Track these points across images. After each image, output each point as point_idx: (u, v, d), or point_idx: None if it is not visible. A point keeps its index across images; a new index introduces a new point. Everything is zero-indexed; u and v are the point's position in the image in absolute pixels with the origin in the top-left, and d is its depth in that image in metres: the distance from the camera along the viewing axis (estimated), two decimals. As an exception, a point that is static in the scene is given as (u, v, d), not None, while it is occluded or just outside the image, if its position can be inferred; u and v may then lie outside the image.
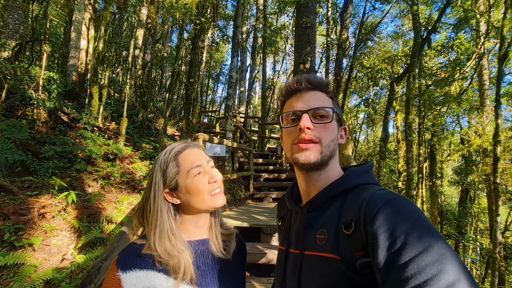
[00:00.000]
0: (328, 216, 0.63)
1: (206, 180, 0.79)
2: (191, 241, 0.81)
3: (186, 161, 0.80)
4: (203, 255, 0.81)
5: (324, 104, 0.69)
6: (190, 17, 5.63)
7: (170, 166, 0.79)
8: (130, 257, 0.73)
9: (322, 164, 0.67)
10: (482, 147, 8.08)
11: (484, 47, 7.32)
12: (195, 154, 0.82)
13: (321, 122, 0.68)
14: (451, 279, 0.39)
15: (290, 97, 0.73)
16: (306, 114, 0.67)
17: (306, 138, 0.66)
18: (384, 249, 0.46)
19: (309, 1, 7.05)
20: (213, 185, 0.80)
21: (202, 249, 0.82)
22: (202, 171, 0.80)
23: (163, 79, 15.81)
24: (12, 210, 2.83)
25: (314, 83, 0.71)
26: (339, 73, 8.70)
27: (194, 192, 0.78)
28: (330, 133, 0.68)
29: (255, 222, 3.63)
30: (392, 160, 13.21)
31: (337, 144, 0.70)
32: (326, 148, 0.66)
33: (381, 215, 0.50)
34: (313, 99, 0.69)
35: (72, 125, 5.56)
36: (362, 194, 0.59)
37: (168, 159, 0.80)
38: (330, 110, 0.68)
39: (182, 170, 0.79)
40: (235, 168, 7.81)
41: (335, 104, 0.72)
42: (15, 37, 6.03)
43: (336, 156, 0.71)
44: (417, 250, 0.43)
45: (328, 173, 0.69)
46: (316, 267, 0.60)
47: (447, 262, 0.41)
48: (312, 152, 0.65)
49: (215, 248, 0.83)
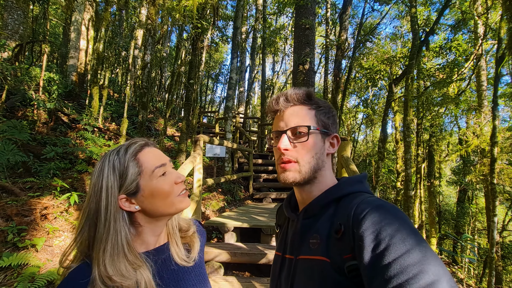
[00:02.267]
0: (321, 223, 0.66)
1: (173, 180, 0.71)
2: (148, 252, 0.70)
3: (148, 160, 0.69)
4: (165, 263, 0.73)
5: (302, 121, 0.69)
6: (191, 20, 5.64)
7: (130, 167, 0.67)
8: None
9: (305, 180, 0.69)
10: (480, 148, 8.14)
11: (482, 49, 7.37)
12: (156, 152, 0.74)
13: (298, 141, 0.68)
14: (431, 279, 0.42)
15: (275, 115, 0.75)
16: (284, 135, 0.69)
17: (284, 160, 0.69)
18: (369, 251, 0.49)
19: (309, 2, 7.08)
20: (180, 186, 0.72)
21: (163, 258, 0.73)
22: (167, 171, 0.71)
23: (162, 79, 15.80)
24: (15, 211, 2.86)
25: (292, 98, 0.71)
26: (338, 73, 8.74)
27: (160, 195, 0.68)
28: (309, 150, 0.68)
29: (255, 223, 3.66)
30: (390, 161, 13.27)
31: (323, 156, 0.70)
32: (305, 166, 0.67)
33: (368, 219, 0.53)
34: (292, 116, 0.70)
35: (73, 126, 5.57)
36: (353, 200, 0.61)
37: (126, 158, 0.68)
38: (305, 128, 0.68)
39: (145, 170, 0.68)
40: (234, 169, 7.84)
41: (319, 115, 0.71)
42: (14, 38, 6.04)
43: (326, 167, 0.72)
44: (400, 251, 0.46)
45: (319, 184, 0.71)
46: (307, 270, 0.63)
47: (428, 263, 0.44)
48: (290, 173, 0.68)
49: (177, 257, 0.74)
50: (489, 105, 8.00)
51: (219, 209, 5.16)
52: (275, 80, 18.30)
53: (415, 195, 8.94)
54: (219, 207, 5.25)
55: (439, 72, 7.63)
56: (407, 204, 6.06)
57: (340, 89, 8.68)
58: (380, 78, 8.89)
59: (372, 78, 8.59)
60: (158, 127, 9.14)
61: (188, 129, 6.51)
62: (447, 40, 7.94)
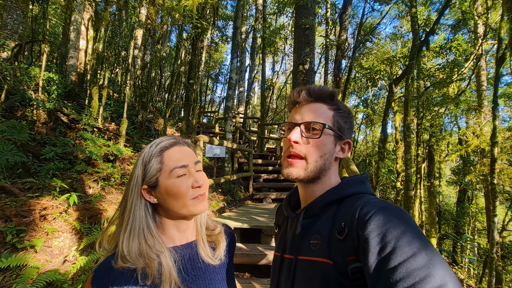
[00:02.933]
0: (322, 223, 0.65)
1: (190, 183, 0.71)
2: (176, 247, 0.73)
3: (171, 158, 0.72)
4: (192, 259, 0.75)
5: (319, 118, 0.67)
6: (191, 20, 5.64)
7: (153, 161, 0.71)
8: (106, 273, 0.65)
9: (309, 179, 0.68)
10: (480, 148, 8.14)
11: (482, 49, 7.37)
12: (183, 152, 0.74)
13: (311, 137, 0.67)
14: (438, 283, 0.41)
15: (293, 107, 0.74)
16: (297, 127, 0.68)
17: (292, 153, 0.67)
18: (375, 254, 0.48)
19: (308, 2, 7.07)
20: (197, 190, 0.72)
21: (190, 253, 0.75)
22: (187, 173, 0.72)
23: (162, 79, 15.79)
24: (14, 212, 2.84)
25: (315, 94, 0.70)
26: (338, 73, 8.74)
27: (174, 195, 0.70)
28: (319, 149, 0.67)
29: (256, 223, 3.65)
30: (390, 161, 13.27)
31: (331, 158, 0.69)
32: (312, 164, 0.66)
33: (373, 221, 0.52)
34: (310, 112, 0.69)
35: (72, 126, 5.56)
36: (357, 202, 0.60)
37: (152, 153, 0.72)
38: (320, 125, 0.67)
39: (165, 168, 0.71)
40: (234, 169, 7.83)
41: (337, 117, 0.69)
42: (14, 38, 6.02)
43: (332, 170, 0.71)
44: (406, 254, 0.45)
45: (323, 184, 0.70)
46: (308, 272, 0.62)
47: (434, 267, 0.43)
48: (295, 169, 0.67)
49: (204, 254, 0.76)
50: (489, 105, 8.00)
51: (219, 210, 5.15)
52: (275, 80, 18.29)
53: (415, 195, 8.94)
54: (219, 208, 5.24)
55: (439, 72, 7.63)
56: (407, 204, 6.06)
57: (340, 89, 8.68)
58: (380, 78, 8.89)
59: (372, 78, 8.59)
60: (158, 127, 9.13)
61: (188, 129, 6.50)
62: (447, 40, 7.94)
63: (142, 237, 0.68)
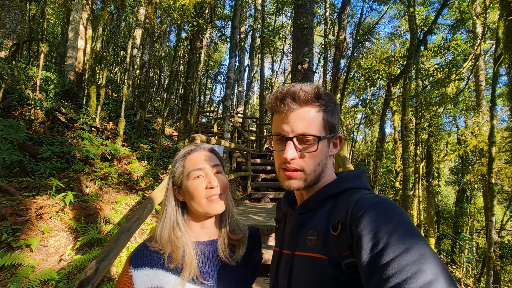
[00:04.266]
0: (318, 218, 0.65)
1: (204, 184, 0.79)
2: (198, 242, 0.82)
3: (190, 162, 0.82)
4: (211, 256, 0.82)
5: (311, 127, 0.64)
6: (188, 19, 5.63)
7: (177, 165, 0.83)
8: (141, 254, 0.77)
9: (309, 186, 0.68)
10: (478, 147, 8.15)
11: (480, 48, 7.37)
12: (201, 156, 0.83)
13: (306, 150, 0.65)
14: (429, 278, 0.41)
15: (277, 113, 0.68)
16: (290, 143, 0.64)
17: (290, 168, 0.65)
18: (368, 250, 0.48)
19: (307, 1, 7.07)
20: (210, 191, 0.79)
21: (211, 250, 0.83)
22: (203, 175, 0.80)
23: (161, 79, 15.78)
24: (9, 211, 2.84)
25: (300, 99, 0.64)
26: (337, 73, 8.74)
27: (191, 194, 0.79)
28: (316, 159, 0.65)
29: (253, 223, 3.65)
30: (389, 160, 13.28)
31: (326, 159, 0.69)
32: (311, 174, 0.66)
33: (366, 217, 0.52)
34: (300, 121, 0.64)
35: (70, 125, 5.55)
36: (351, 197, 0.60)
37: (178, 158, 0.84)
38: (315, 139, 0.64)
39: (185, 171, 0.81)
40: (233, 169, 7.83)
41: (327, 117, 0.67)
42: (12, 37, 6.01)
43: (328, 167, 0.70)
44: (398, 250, 0.45)
45: (320, 182, 0.70)
46: (305, 267, 0.62)
47: (426, 262, 0.43)
48: (295, 181, 0.66)
49: (222, 252, 0.82)
50: (487, 105, 8.00)
51: (216, 209, 5.14)
52: (274, 80, 18.30)
53: (414, 194, 8.94)
54: (217, 207, 5.23)
55: (437, 72, 7.63)
56: (405, 204, 6.06)
57: (338, 88, 8.68)
58: (378, 77, 8.89)
59: (370, 77, 8.60)
60: (156, 127, 9.12)
61: (186, 128, 6.49)
62: (445, 40, 7.94)
63: (172, 229, 0.79)
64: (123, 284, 0.73)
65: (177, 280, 0.73)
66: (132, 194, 4.23)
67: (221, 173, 0.85)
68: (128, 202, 3.97)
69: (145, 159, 5.61)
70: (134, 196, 4.18)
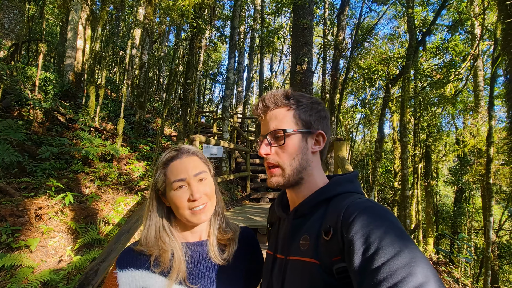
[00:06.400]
0: (311, 223, 0.66)
1: (186, 196, 0.77)
2: (188, 243, 0.81)
3: (172, 172, 0.78)
4: (200, 257, 0.81)
5: (280, 124, 0.69)
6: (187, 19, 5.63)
7: (158, 174, 0.80)
8: (127, 256, 0.76)
9: (290, 183, 0.69)
10: (476, 148, 8.18)
11: (479, 49, 7.40)
12: (183, 165, 0.79)
13: (276, 144, 0.70)
14: (420, 281, 0.42)
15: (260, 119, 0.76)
16: (265, 139, 0.71)
17: (269, 164, 0.71)
18: (359, 255, 0.49)
19: (306, 2, 7.08)
20: (193, 203, 0.77)
21: (200, 251, 0.82)
22: (185, 185, 0.77)
23: (160, 79, 15.76)
24: (9, 212, 2.84)
25: (270, 102, 0.71)
26: (336, 74, 8.75)
27: (175, 205, 0.77)
28: (288, 153, 0.69)
29: (252, 223, 3.66)
30: (388, 160, 13.31)
31: (306, 156, 0.70)
32: (288, 168, 0.68)
33: (357, 223, 0.52)
34: (271, 120, 0.71)
35: (69, 126, 5.55)
36: (343, 202, 0.61)
37: (159, 165, 0.81)
38: (281, 132, 0.68)
39: (167, 180, 0.79)
40: (232, 169, 7.83)
41: (300, 114, 0.70)
42: (11, 37, 6.00)
43: (313, 166, 0.71)
44: (389, 254, 0.46)
45: (308, 184, 0.71)
46: (297, 271, 0.63)
47: (416, 265, 0.44)
48: (274, 177, 0.70)
49: (212, 253, 0.82)
50: (485, 105, 8.03)
51: (216, 209, 5.15)
52: (273, 80, 18.31)
53: (412, 195, 8.97)
54: (216, 207, 5.23)
55: (436, 73, 7.66)
56: (404, 204, 6.08)
57: (337, 89, 8.71)
58: (377, 78, 8.91)
59: (369, 78, 8.62)
60: (156, 127, 9.12)
61: (185, 129, 6.49)
62: (444, 41, 7.96)
63: (158, 234, 0.78)
64: (109, 285, 0.73)
65: (164, 282, 0.73)
66: (131, 195, 4.23)
67: (205, 179, 0.81)
68: (128, 203, 3.97)
69: (145, 160, 5.61)
70: (133, 196, 4.18)
